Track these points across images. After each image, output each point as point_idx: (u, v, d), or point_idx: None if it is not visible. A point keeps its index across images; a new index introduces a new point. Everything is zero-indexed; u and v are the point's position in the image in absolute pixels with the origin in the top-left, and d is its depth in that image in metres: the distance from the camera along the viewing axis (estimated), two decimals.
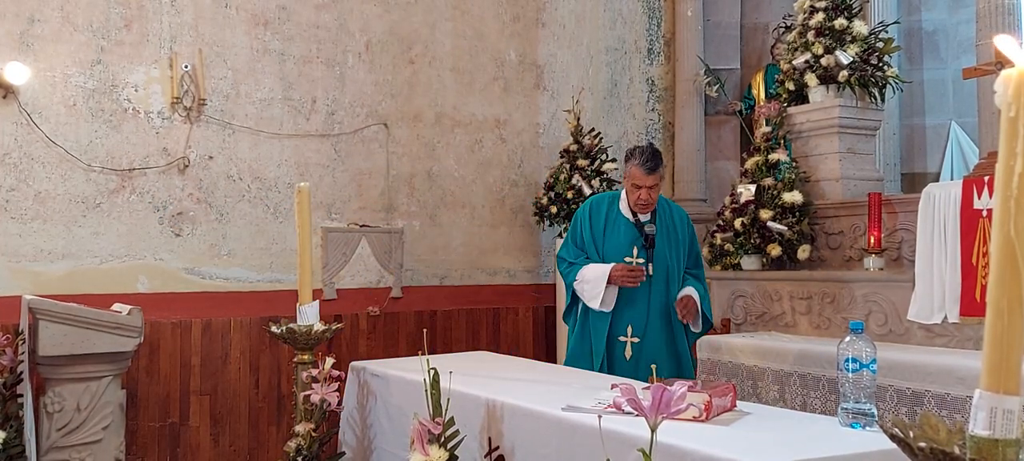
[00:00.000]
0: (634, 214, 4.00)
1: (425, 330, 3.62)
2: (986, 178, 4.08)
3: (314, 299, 3.73)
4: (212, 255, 5.22)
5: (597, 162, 5.97)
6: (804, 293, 5.00)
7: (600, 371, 3.86)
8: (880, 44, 5.31)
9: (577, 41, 6.54)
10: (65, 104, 4.88)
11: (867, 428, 2.31)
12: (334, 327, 3.75)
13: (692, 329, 4.11)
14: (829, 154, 5.34)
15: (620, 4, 6.75)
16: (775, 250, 5.18)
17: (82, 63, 4.92)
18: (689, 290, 4.03)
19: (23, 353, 3.98)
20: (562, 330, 5.98)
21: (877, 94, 5.31)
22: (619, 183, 6.21)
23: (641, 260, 3.97)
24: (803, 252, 5.16)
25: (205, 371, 5.15)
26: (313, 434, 3.50)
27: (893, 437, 1.27)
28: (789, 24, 5.75)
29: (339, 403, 3.60)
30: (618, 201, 4.08)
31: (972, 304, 4.05)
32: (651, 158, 3.96)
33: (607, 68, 6.69)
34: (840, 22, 5.28)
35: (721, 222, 5.58)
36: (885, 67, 5.27)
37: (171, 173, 5.12)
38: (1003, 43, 1.14)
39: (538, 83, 6.36)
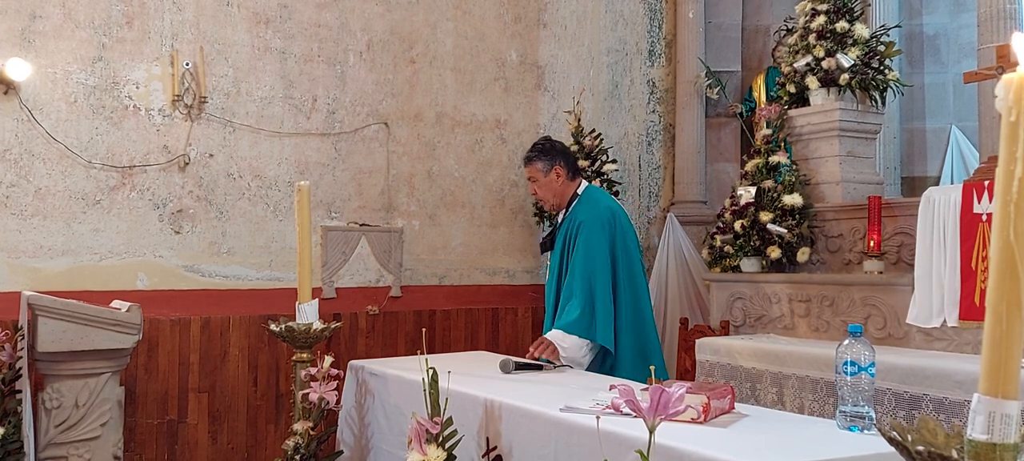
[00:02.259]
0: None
1: (424, 330, 3.62)
2: (986, 182, 4.09)
3: (313, 298, 3.73)
4: (212, 253, 5.22)
5: (598, 163, 5.97)
6: (803, 296, 5.00)
7: None
8: (881, 47, 5.31)
9: (578, 42, 6.54)
10: (66, 101, 4.88)
11: (865, 431, 2.31)
12: (333, 326, 3.75)
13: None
14: (829, 157, 5.34)
15: (621, 5, 6.75)
16: (775, 252, 5.18)
17: (83, 60, 4.92)
18: (551, 335, 3.61)
19: (22, 349, 3.98)
20: None
21: (878, 97, 5.31)
22: (618, 184, 6.21)
23: (548, 263, 3.96)
24: (803, 255, 5.16)
25: (204, 369, 5.15)
26: (311, 433, 3.50)
27: (891, 440, 1.27)
28: (790, 27, 5.75)
29: (337, 402, 3.60)
30: None
31: (971, 308, 4.05)
32: (530, 150, 3.86)
33: (608, 69, 6.69)
34: (841, 25, 5.28)
35: (721, 224, 5.58)
36: (886, 70, 5.28)
37: (171, 170, 5.12)
38: (1017, 42, 1.14)
39: (539, 84, 6.36)
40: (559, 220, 3.91)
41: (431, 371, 2.73)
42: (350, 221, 5.65)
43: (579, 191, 3.89)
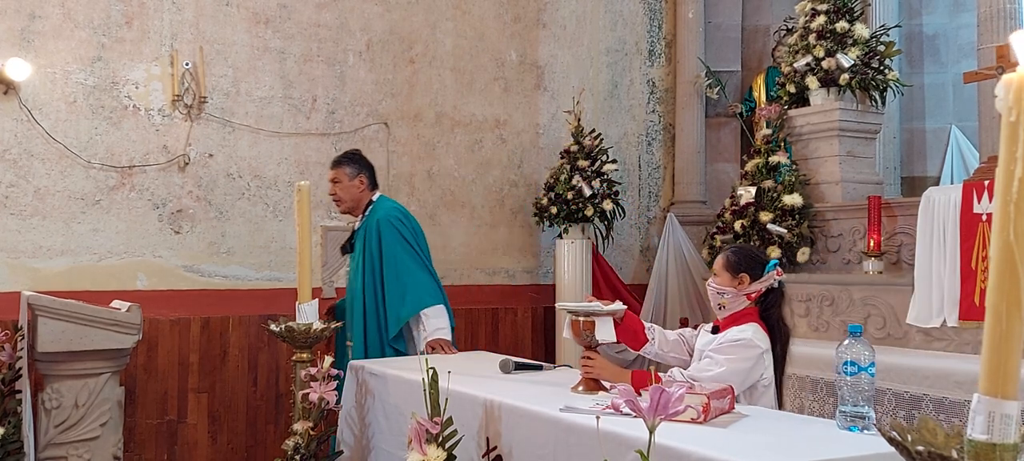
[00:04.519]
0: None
1: None
2: (986, 182, 4.09)
3: (313, 298, 3.73)
4: (211, 253, 5.22)
5: (597, 163, 5.97)
6: (803, 296, 5.00)
7: None
8: (881, 47, 5.32)
9: (578, 42, 6.54)
10: (65, 100, 4.87)
11: (865, 431, 2.31)
12: (333, 326, 3.75)
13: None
14: (829, 157, 5.34)
15: (621, 5, 6.75)
16: (775, 252, 5.18)
17: (83, 60, 4.91)
18: (434, 336, 3.98)
19: (22, 349, 3.98)
20: (560, 331, 5.98)
21: (878, 97, 5.31)
22: (618, 184, 6.21)
23: (349, 267, 4.34)
24: (802, 255, 5.17)
25: (203, 369, 5.15)
26: (311, 433, 3.50)
27: (891, 440, 1.27)
28: (790, 27, 5.75)
29: (337, 402, 3.59)
30: None
31: (971, 308, 4.06)
32: (339, 155, 4.35)
33: (608, 69, 6.69)
34: (841, 25, 5.28)
35: (721, 224, 5.58)
36: (886, 70, 5.28)
37: (171, 170, 5.11)
38: (1016, 41, 1.14)
39: (538, 83, 6.36)
40: (356, 225, 4.33)
41: (431, 371, 2.73)
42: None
43: (374, 199, 4.33)
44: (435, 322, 3.98)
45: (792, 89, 5.45)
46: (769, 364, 2.97)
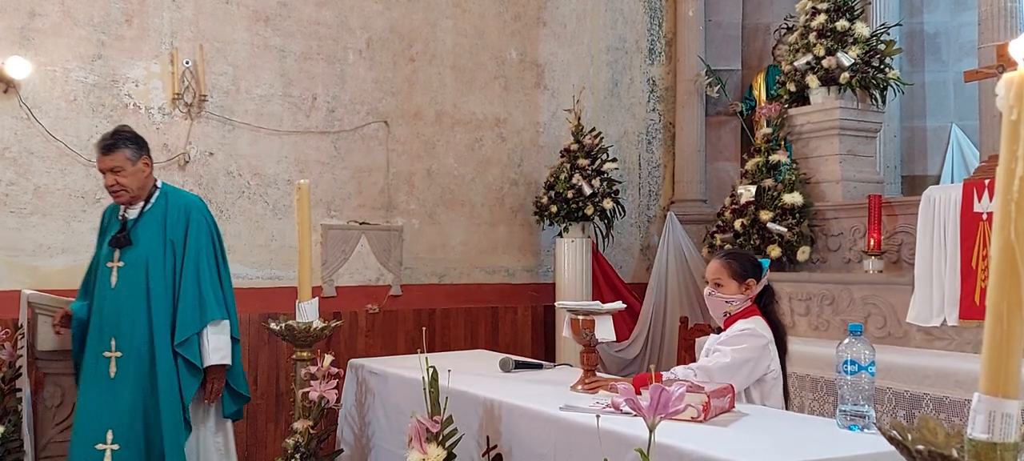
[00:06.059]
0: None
1: (424, 328, 3.62)
2: (986, 181, 4.08)
3: (313, 296, 3.73)
4: None
5: (598, 161, 5.97)
6: (803, 295, 5.00)
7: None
8: (882, 46, 5.31)
9: (578, 40, 6.54)
10: (65, 99, 4.87)
11: (865, 430, 2.31)
12: (333, 324, 3.74)
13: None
14: (829, 156, 5.34)
15: (621, 3, 6.74)
16: (775, 251, 5.18)
17: (82, 58, 4.91)
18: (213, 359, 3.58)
19: (22, 348, 3.98)
20: (560, 329, 5.98)
21: (878, 96, 5.31)
22: (618, 183, 6.21)
23: (121, 263, 3.61)
24: (803, 254, 5.16)
25: None
26: (311, 431, 3.49)
27: (891, 439, 1.27)
28: (791, 25, 5.75)
29: (337, 400, 3.60)
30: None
31: (971, 307, 4.05)
32: (109, 137, 3.63)
33: (608, 67, 6.69)
34: (842, 24, 5.28)
35: (721, 223, 5.58)
36: (886, 69, 5.27)
37: (171, 169, 5.11)
38: (1015, 47, 1.14)
39: (538, 82, 6.35)
40: (133, 214, 3.71)
41: (431, 370, 2.73)
42: (350, 219, 5.64)
43: (158, 185, 3.80)
44: (216, 340, 3.60)
45: (792, 88, 5.45)
46: (775, 356, 3.00)
